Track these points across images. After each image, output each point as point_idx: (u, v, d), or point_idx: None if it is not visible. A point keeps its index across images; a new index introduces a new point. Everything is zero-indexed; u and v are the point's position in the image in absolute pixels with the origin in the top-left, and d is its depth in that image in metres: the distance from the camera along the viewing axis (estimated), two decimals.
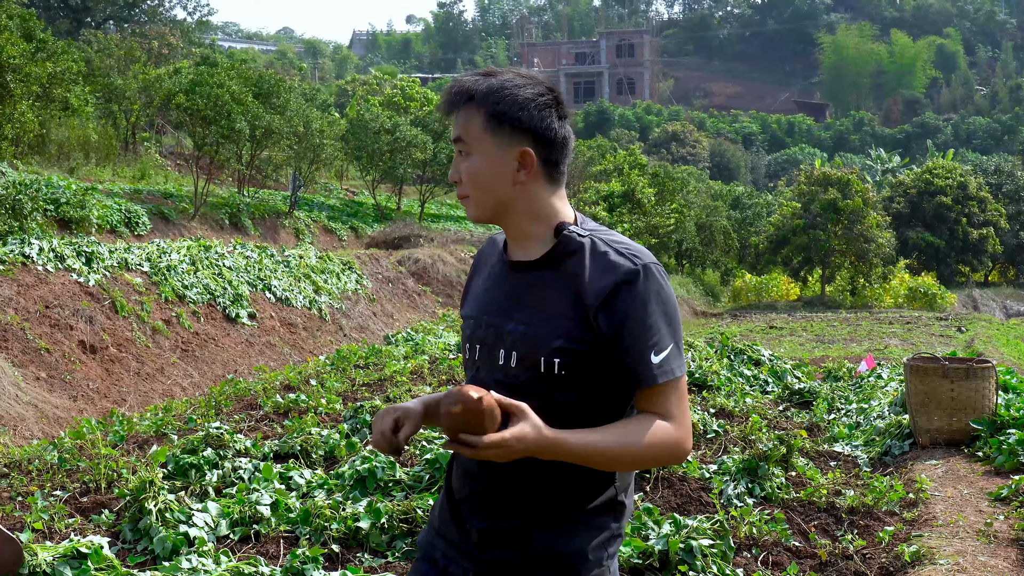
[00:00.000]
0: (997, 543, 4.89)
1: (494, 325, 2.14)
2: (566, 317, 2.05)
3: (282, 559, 4.65)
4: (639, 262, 2.05)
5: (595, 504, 2.11)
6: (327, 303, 15.81)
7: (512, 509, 2.09)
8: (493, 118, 2.08)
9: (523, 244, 2.17)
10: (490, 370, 2.13)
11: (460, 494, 2.18)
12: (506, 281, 2.17)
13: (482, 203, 2.13)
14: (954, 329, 21.82)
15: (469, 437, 1.88)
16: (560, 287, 2.08)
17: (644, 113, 76.05)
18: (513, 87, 2.09)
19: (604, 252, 2.08)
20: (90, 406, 9.15)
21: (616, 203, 28.87)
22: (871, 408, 8.90)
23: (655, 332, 2.03)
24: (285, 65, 56.94)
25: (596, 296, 2.03)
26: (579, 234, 2.11)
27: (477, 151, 2.10)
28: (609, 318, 2.03)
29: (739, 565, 4.68)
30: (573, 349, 2.04)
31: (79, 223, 13.33)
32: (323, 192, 28.69)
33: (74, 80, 17.17)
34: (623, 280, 2.03)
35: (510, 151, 2.09)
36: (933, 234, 38.30)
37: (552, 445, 1.95)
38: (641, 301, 2.03)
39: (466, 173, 2.12)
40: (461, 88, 2.12)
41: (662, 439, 2.03)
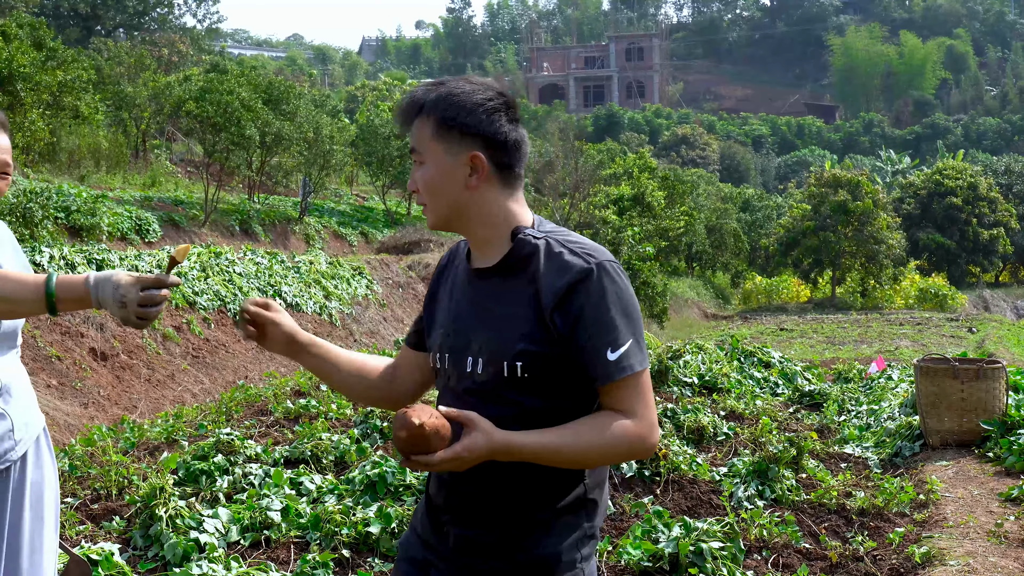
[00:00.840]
0: (1008, 544, 4.87)
1: (462, 333, 2.16)
2: (526, 320, 2.06)
3: (293, 564, 4.66)
4: (593, 260, 2.06)
5: (564, 503, 2.10)
6: (337, 309, 15.84)
7: (482, 515, 2.11)
8: (442, 125, 2.10)
9: (483, 250, 2.18)
10: (459, 379, 2.15)
11: (436, 500, 2.20)
12: (469, 288, 2.19)
13: (438, 210, 2.15)
14: (965, 330, 21.76)
15: (420, 457, 1.94)
16: (518, 291, 2.09)
17: (654, 116, 76.02)
18: (461, 93, 2.11)
19: (559, 252, 2.08)
20: (101, 413, 9.18)
21: (626, 206, 28.86)
22: (881, 409, 8.87)
23: (612, 329, 2.03)
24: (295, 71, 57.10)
25: (552, 297, 2.04)
26: (534, 236, 2.12)
27: (430, 159, 2.12)
28: (565, 317, 2.03)
29: (749, 567, 4.67)
30: (535, 351, 2.05)
31: (90, 231, 13.39)
32: (333, 198, 28.76)
33: (84, 88, 17.28)
34: (577, 279, 2.03)
35: (460, 156, 2.10)
36: (943, 235, 38.19)
37: (504, 448, 1.98)
38: (596, 299, 2.03)
39: (421, 182, 2.14)
40: (412, 100, 2.15)
41: (621, 435, 2.04)
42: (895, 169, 56.54)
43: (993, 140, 73.29)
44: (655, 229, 28.82)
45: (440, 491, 2.18)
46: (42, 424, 2.77)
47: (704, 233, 34.34)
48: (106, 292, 2.22)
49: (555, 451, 2.01)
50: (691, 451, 6.46)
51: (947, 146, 64.57)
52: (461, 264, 2.25)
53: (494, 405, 2.05)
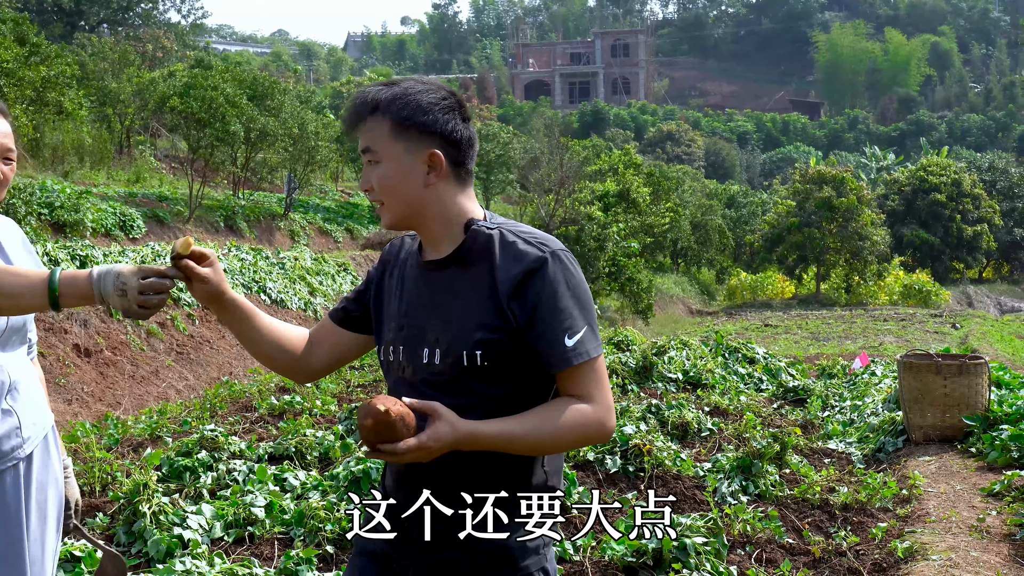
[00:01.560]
0: (990, 538, 4.90)
1: (415, 326, 2.18)
2: (483, 309, 2.09)
3: (276, 560, 4.65)
4: (547, 249, 2.10)
5: (521, 489, 2.13)
6: (322, 305, 15.82)
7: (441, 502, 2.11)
8: (399, 124, 2.12)
9: (436, 245, 2.21)
10: (416, 370, 2.16)
11: (394, 495, 2.20)
12: (423, 281, 2.21)
13: (396, 209, 2.16)
14: (948, 326, 21.89)
15: (386, 446, 1.95)
16: (473, 280, 2.13)
17: (639, 113, 76.11)
18: (416, 93, 2.14)
19: (512, 242, 2.13)
20: (84, 409, 9.15)
21: (611, 202, 28.87)
22: (865, 405, 8.92)
23: (567, 316, 2.08)
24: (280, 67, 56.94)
25: (508, 285, 2.08)
26: (487, 227, 2.16)
27: (386, 158, 2.13)
28: (521, 305, 2.07)
29: (733, 563, 4.69)
30: (493, 339, 2.08)
31: (73, 227, 13.33)
32: (318, 194, 28.68)
33: (68, 84, 17.17)
34: (531, 267, 2.08)
35: (418, 155, 2.13)
36: (927, 231, 38.38)
37: (469, 437, 2.00)
38: (551, 287, 2.07)
39: (377, 181, 2.15)
40: (365, 99, 2.16)
41: (581, 420, 2.08)
42: (879, 166, 56.76)
43: (977, 137, 73.63)
44: (640, 225, 28.86)
45: (398, 485, 2.18)
46: (50, 423, 2.76)
47: (689, 229, 34.42)
48: (107, 284, 2.22)
49: (518, 438, 2.05)
50: (675, 447, 6.48)
51: (931, 143, 64.82)
52: (410, 259, 2.28)
53: (454, 395, 2.07)
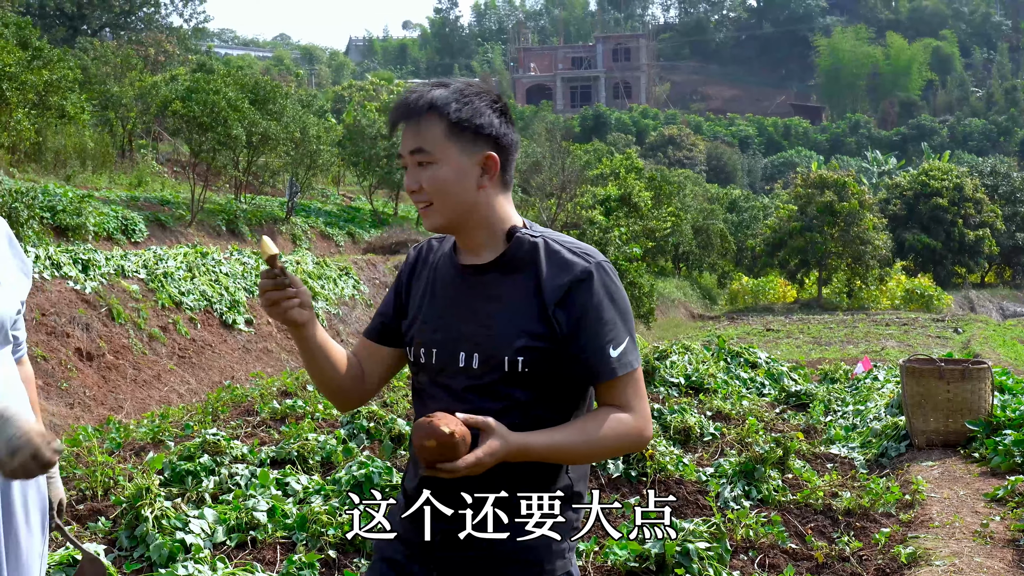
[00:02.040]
0: (993, 544, 4.89)
1: (451, 329, 2.17)
2: (527, 316, 2.11)
3: (279, 565, 4.65)
4: (592, 260, 2.13)
5: (551, 494, 2.15)
6: (324, 309, 15.81)
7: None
8: (455, 125, 2.11)
9: (475, 249, 2.20)
10: (451, 374, 2.16)
11: (418, 497, 2.18)
12: (459, 285, 2.20)
13: (447, 211, 2.14)
14: (951, 330, 21.86)
15: (446, 465, 1.95)
16: (517, 287, 2.13)
17: (641, 117, 76.12)
18: (471, 95, 2.13)
19: (557, 251, 2.14)
20: (87, 413, 9.14)
21: (612, 207, 28.87)
22: (867, 410, 8.90)
23: (611, 327, 2.11)
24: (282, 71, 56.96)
25: (554, 294, 2.09)
26: (531, 235, 2.17)
27: (441, 160, 2.11)
28: (567, 315, 2.09)
29: (736, 568, 4.68)
30: (536, 347, 2.09)
31: (75, 231, 13.33)
32: (320, 198, 28.69)
33: (70, 88, 17.19)
34: (578, 278, 2.10)
35: (473, 157, 2.12)
36: (929, 236, 38.35)
37: (520, 451, 2.02)
38: (597, 298, 2.10)
39: (430, 182, 2.12)
40: (419, 98, 2.13)
41: (624, 431, 2.11)
42: (881, 170, 56.74)
43: (979, 141, 73.63)
44: (642, 230, 28.85)
45: (424, 488, 2.17)
46: None
47: (691, 234, 34.40)
48: None
49: (565, 449, 2.07)
50: (678, 451, 6.47)
51: (933, 147, 64.82)
52: (442, 261, 2.26)
53: (491, 400, 2.09)
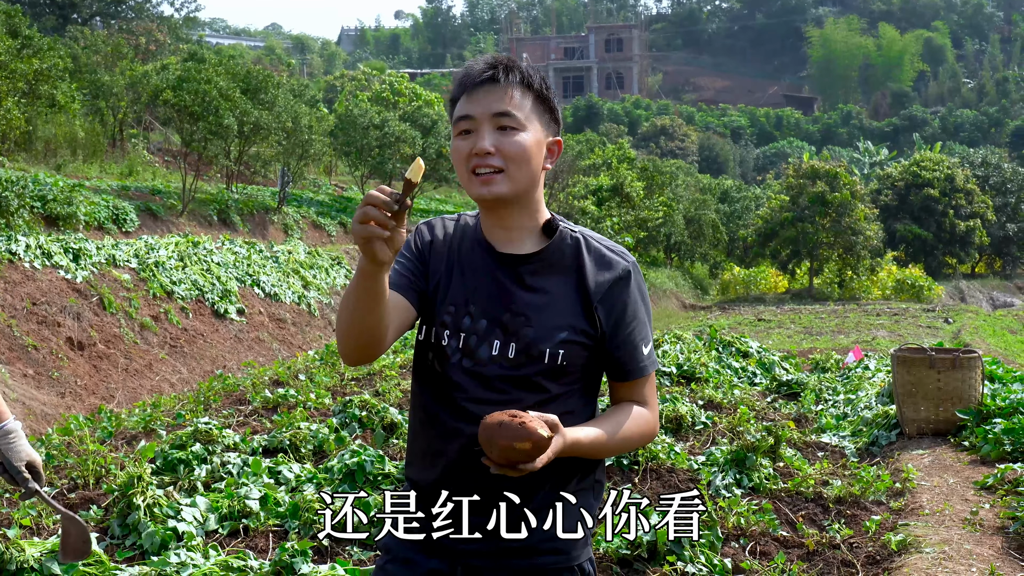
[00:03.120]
0: (983, 531, 4.92)
1: (484, 315, 2.13)
2: (570, 311, 2.12)
3: (271, 553, 4.65)
4: (628, 260, 2.19)
5: (581, 486, 2.17)
6: (316, 298, 15.80)
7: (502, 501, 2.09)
8: (542, 102, 2.14)
9: (511, 235, 2.17)
10: (481, 362, 2.11)
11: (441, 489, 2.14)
12: (494, 271, 2.15)
13: (519, 181, 2.10)
14: (941, 320, 21.91)
15: (526, 465, 1.94)
16: (560, 281, 2.14)
17: (633, 107, 76.05)
18: (547, 78, 2.17)
19: (598, 249, 2.18)
20: (78, 403, 9.13)
21: (605, 197, 28.87)
22: (858, 399, 8.93)
23: (643, 326, 2.17)
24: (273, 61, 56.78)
25: (598, 290, 2.13)
26: (572, 231, 2.19)
27: (530, 128, 2.11)
28: (607, 312, 2.13)
29: (727, 555, 4.69)
30: (577, 342, 2.11)
31: (66, 220, 13.29)
32: (312, 188, 28.64)
33: (61, 76, 17.11)
34: (621, 276, 2.15)
35: (547, 136, 2.15)
36: (920, 226, 38.42)
37: (573, 446, 2.04)
38: (634, 296, 2.16)
39: (512, 146, 2.08)
40: (511, 65, 2.13)
41: (647, 428, 2.20)
42: (873, 161, 56.79)
43: (970, 132, 73.73)
44: (634, 220, 28.86)
45: (448, 479, 2.13)
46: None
47: (683, 224, 34.41)
48: None
49: (605, 443, 2.11)
50: (669, 440, 6.48)
51: (924, 138, 64.91)
52: (467, 244, 2.20)
53: (525, 391, 2.10)
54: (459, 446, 2.10)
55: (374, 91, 34.44)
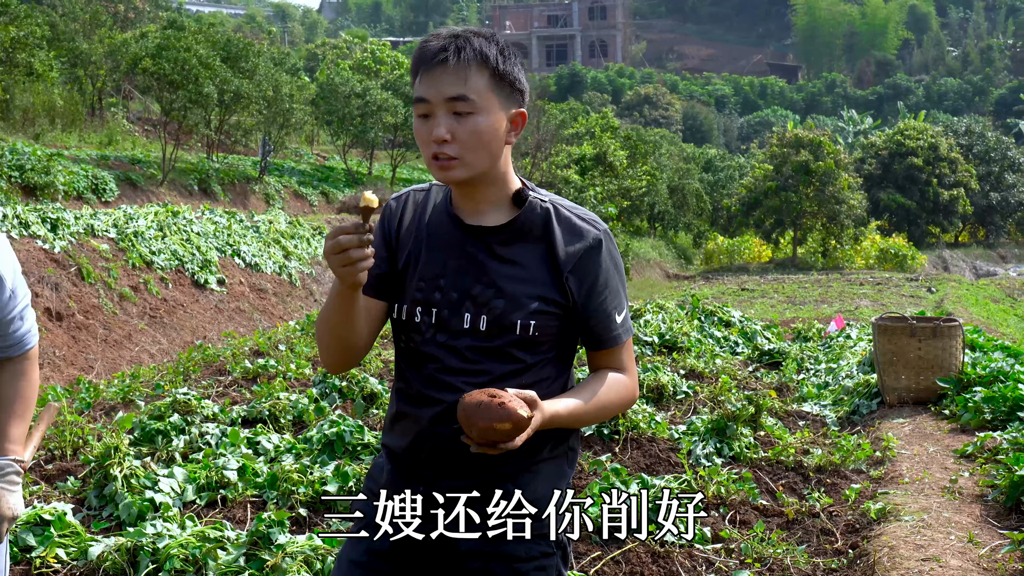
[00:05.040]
0: (962, 499, 4.93)
1: (455, 289, 2.11)
2: (541, 281, 2.10)
3: (249, 523, 4.62)
4: (600, 227, 2.15)
5: (554, 454, 2.17)
6: (297, 268, 15.72)
7: (476, 468, 2.10)
8: (498, 77, 2.05)
9: (480, 207, 2.15)
10: (454, 335, 2.11)
11: (414, 457, 2.16)
12: (463, 244, 2.13)
13: (476, 164, 2.06)
14: (924, 290, 22.01)
15: (507, 444, 1.95)
16: (531, 251, 2.12)
17: (617, 76, 75.81)
18: (509, 47, 2.09)
19: (568, 217, 2.14)
20: (56, 374, 9.06)
21: (588, 166, 28.80)
22: (840, 368, 8.95)
23: (615, 294, 2.15)
24: (254, 29, 56.25)
25: (568, 260, 2.10)
26: (541, 200, 2.16)
27: (484, 110, 2.04)
28: (579, 282, 2.11)
29: (707, 524, 4.69)
30: (548, 311, 2.09)
31: (44, 189, 13.15)
32: (293, 157, 28.45)
33: (38, 44, 16.89)
34: (591, 245, 2.11)
35: (509, 111, 2.08)
36: (904, 195, 38.53)
37: (551, 420, 2.04)
38: (606, 266, 2.13)
39: (467, 132, 2.03)
40: (466, 44, 2.04)
41: (626, 394, 2.19)
42: (857, 129, 56.89)
43: (954, 101, 73.83)
44: (617, 189, 28.81)
45: (422, 447, 2.13)
46: None
47: (666, 193, 34.37)
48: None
49: (584, 414, 2.11)
50: (650, 409, 6.48)
51: (908, 107, 64.98)
52: (436, 217, 2.18)
53: (499, 361, 2.09)
54: (432, 414, 2.11)
55: (356, 59, 34.20)
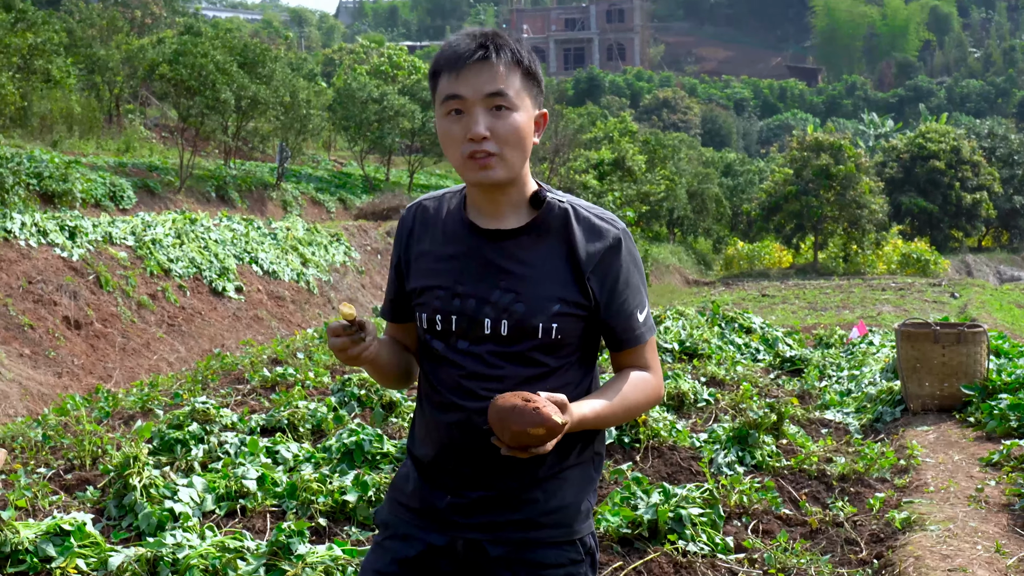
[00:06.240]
0: (988, 508, 4.86)
1: (473, 295, 2.10)
2: (562, 283, 2.08)
3: (268, 533, 4.60)
4: (619, 227, 2.13)
5: (581, 459, 2.17)
6: (315, 275, 15.72)
7: (502, 475, 2.09)
8: (530, 76, 2.07)
9: (495, 211, 2.13)
10: (475, 340, 2.10)
11: (439, 466, 2.16)
12: (480, 249, 2.12)
13: (514, 163, 2.06)
14: (947, 295, 21.84)
15: (539, 449, 1.95)
16: (551, 253, 2.09)
17: (635, 79, 75.68)
18: (530, 48, 2.10)
19: (587, 218, 2.12)
20: (75, 382, 9.08)
21: (606, 171, 28.73)
22: (862, 375, 8.86)
23: (636, 293, 2.14)
24: (271, 34, 56.50)
25: (589, 260, 2.08)
26: (559, 200, 2.13)
27: (521, 108, 2.05)
28: (600, 282, 2.09)
29: (729, 533, 4.64)
30: (571, 314, 2.08)
31: (62, 197, 13.19)
32: (311, 163, 28.52)
33: (56, 51, 16.96)
34: (611, 245, 2.09)
35: (534, 111, 2.09)
36: (926, 199, 38.22)
37: (579, 423, 2.03)
38: (626, 265, 2.11)
39: (507, 129, 2.02)
40: (501, 41, 2.05)
41: (651, 392, 2.18)
42: (878, 132, 56.55)
43: (976, 103, 73.31)
44: (636, 194, 28.73)
45: (447, 458, 2.14)
46: None
47: (685, 198, 34.25)
48: None
49: (610, 415, 2.09)
50: (671, 417, 6.42)
51: (930, 109, 64.63)
52: (453, 222, 2.18)
53: (521, 365, 2.08)
54: (457, 420, 2.10)
55: (373, 64, 34.26)
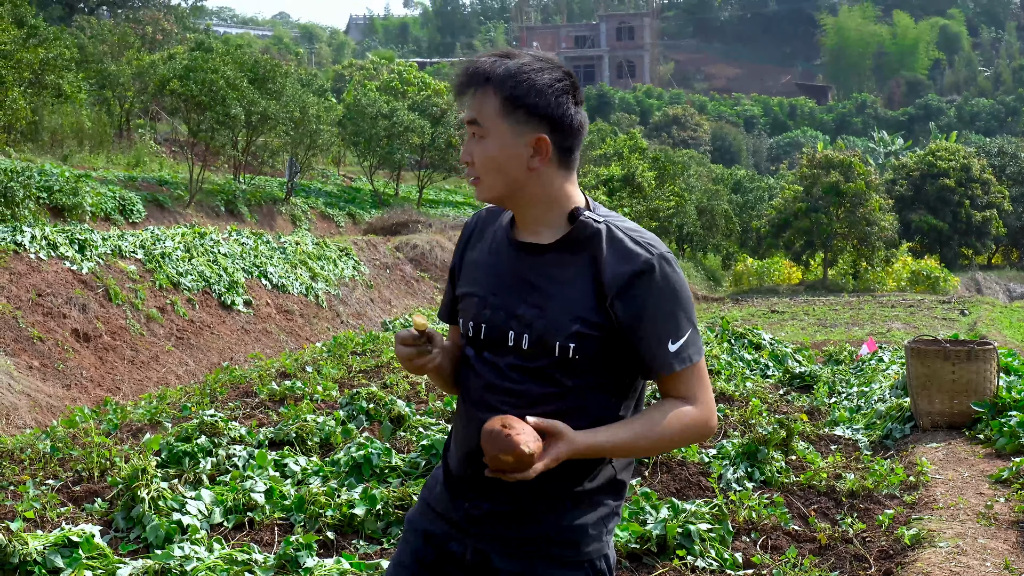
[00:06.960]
0: (998, 525, 4.83)
1: (503, 307, 2.13)
2: (583, 303, 2.07)
3: (276, 546, 4.59)
4: (655, 251, 2.07)
5: (595, 484, 2.15)
6: (324, 290, 15.75)
7: (514, 491, 2.10)
8: (509, 102, 2.06)
9: (532, 227, 2.15)
10: (499, 352, 2.13)
11: (460, 474, 2.20)
12: (515, 262, 2.15)
13: (493, 187, 2.11)
14: (957, 312, 21.76)
15: (516, 475, 1.96)
16: (576, 272, 2.09)
17: (644, 97, 75.75)
18: (531, 71, 2.06)
19: (620, 239, 2.09)
20: (84, 395, 9.09)
21: (616, 187, 28.75)
22: (872, 391, 8.84)
23: (671, 321, 2.07)
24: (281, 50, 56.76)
25: (613, 283, 2.05)
26: (595, 220, 2.12)
27: (492, 135, 2.08)
28: (626, 307, 2.05)
29: (738, 549, 4.62)
30: (589, 334, 2.06)
31: (72, 210, 13.25)
32: (320, 178, 28.60)
33: (67, 66, 17.08)
34: (640, 270, 2.05)
35: (525, 137, 2.07)
36: (936, 217, 38.10)
37: (587, 450, 2.03)
38: (658, 291, 2.05)
39: (479, 156, 2.10)
40: (478, 69, 2.09)
41: (688, 422, 2.09)
42: (888, 150, 56.45)
43: (986, 121, 73.15)
44: (645, 210, 28.73)
45: (467, 466, 2.18)
46: None
47: (695, 214, 34.20)
48: None
49: (628, 445, 2.07)
50: None
51: (940, 127, 64.50)
52: (500, 234, 2.22)
53: (539, 383, 2.09)
54: (474, 431, 2.11)
55: (383, 80, 34.32)
